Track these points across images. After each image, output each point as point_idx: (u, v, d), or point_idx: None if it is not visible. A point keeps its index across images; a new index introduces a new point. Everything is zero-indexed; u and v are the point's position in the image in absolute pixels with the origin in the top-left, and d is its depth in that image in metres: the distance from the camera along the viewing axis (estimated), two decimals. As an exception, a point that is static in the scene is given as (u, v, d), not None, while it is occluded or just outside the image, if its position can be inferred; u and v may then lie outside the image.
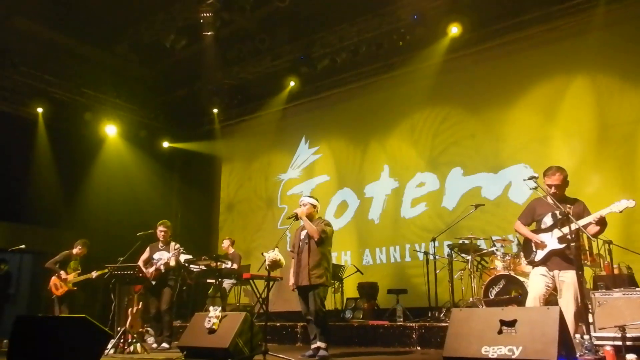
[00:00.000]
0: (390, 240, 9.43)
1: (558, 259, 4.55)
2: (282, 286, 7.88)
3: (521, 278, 6.29)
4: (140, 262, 7.01)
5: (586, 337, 4.37)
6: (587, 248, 6.01)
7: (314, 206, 5.69)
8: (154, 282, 6.95)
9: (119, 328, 6.66)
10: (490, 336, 3.68)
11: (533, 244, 4.71)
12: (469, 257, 7.15)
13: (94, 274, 7.75)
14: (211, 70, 10.37)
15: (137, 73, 11.01)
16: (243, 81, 11.02)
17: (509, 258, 6.83)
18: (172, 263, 6.94)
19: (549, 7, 8.07)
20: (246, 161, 12.01)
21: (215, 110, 11.57)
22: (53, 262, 8.09)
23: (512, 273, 6.52)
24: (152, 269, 6.91)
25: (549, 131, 8.13)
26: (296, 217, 5.54)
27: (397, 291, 8.11)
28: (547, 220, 4.68)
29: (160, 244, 7.18)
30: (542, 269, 4.63)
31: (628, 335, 4.68)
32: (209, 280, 9.02)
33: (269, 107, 11.13)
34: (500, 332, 3.65)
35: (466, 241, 7.29)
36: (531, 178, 4.62)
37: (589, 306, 5.08)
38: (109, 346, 6.13)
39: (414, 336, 6.36)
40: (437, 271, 7.39)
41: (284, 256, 5.53)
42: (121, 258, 6.80)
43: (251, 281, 8.68)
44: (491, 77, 8.82)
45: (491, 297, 6.52)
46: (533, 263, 4.72)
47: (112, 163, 10.98)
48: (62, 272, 8.03)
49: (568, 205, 4.57)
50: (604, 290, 5.28)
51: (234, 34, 9.54)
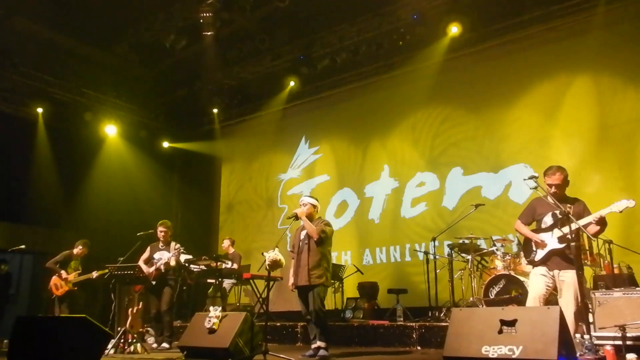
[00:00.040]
0: (390, 240, 9.43)
1: (558, 259, 4.55)
2: (283, 286, 7.87)
3: (521, 278, 6.29)
4: (140, 262, 7.02)
5: (586, 337, 4.37)
6: (587, 248, 6.01)
7: (314, 206, 5.69)
8: (154, 282, 6.96)
9: (119, 328, 6.66)
10: (490, 336, 3.68)
11: (533, 244, 4.71)
12: (469, 257, 7.15)
13: (95, 274, 7.74)
14: (211, 70, 10.37)
15: (137, 73, 11.01)
16: (243, 81, 11.02)
17: (509, 258, 6.83)
18: (173, 263, 6.94)
19: (549, 7, 8.08)
20: (246, 161, 12.01)
21: (215, 110, 11.57)
22: (54, 262, 8.09)
23: (512, 273, 6.52)
24: (153, 269, 6.92)
25: (549, 131, 8.13)
26: (296, 217, 5.54)
27: (397, 291, 8.12)
28: (548, 219, 4.68)
29: (160, 244, 7.19)
30: (542, 269, 4.63)
31: (628, 334, 4.68)
32: (209, 280, 9.02)
33: (269, 107, 11.12)
34: (500, 332, 3.65)
35: (466, 241, 7.29)
36: (531, 178, 4.61)
37: (589, 306, 5.08)
38: (109, 346, 6.14)
39: (414, 336, 6.36)
40: (437, 271, 7.38)
41: (284, 256, 5.54)
42: (121, 258, 6.80)
43: (251, 281, 8.70)
44: (491, 77, 8.82)
45: (491, 297, 6.52)
46: (533, 263, 4.72)
47: (112, 163, 10.97)
48: (63, 272, 8.03)
49: (568, 204, 4.57)
50: (604, 289, 5.28)
51: (234, 34, 9.54)
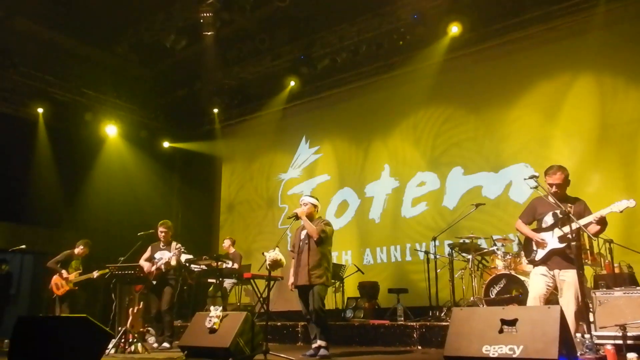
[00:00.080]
0: (390, 239, 9.43)
1: (558, 258, 4.55)
2: (283, 286, 7.88)
3: (522, 277, 6.30)
4: (141, 261, 7.02)
5: (587, 336, 4.37)
6: (588, 247, 6.01)
7: (315, 206, 5.69)
8: (155, 282, 6.97)
9: (120, 328, 6.67)
10: (491, 335, 3.68)
11: (534, 243, 4.71)
12: (470, 257, 7.14)
13: (95, 274, 7.74)
14: (211, 70, 10.37)
15: (137, 73, 11.02)
16: (243, 81, 11.02)
17: (510, 257, 6.83)
18: (173, 262, 6.94)
19: (549, 7, 8.08)
20: (247, 161, 12.01)
21: (215, 110, 11.57)
22: (54, 262, 8.09)
23: (513, 272, 6.52)
24: (153, 268, 6.92)
25: (550, 131, 8.12)
26: (296, 217, 5.54)
27: (398, 290, 8.12)
28: (548, 219, 4.68)
29: (161, 244, 7.19)
30: (542, 269, 4.63)
31: (629, 334, 4.68)
32: (210, 280, 9.03)
33: (269, 107, 11.12)
34: (501, 332, 3.65)
35: (467, 240, 7.29)
36: (532, 177, 4.61)
37: (590, 305, 5.08)
38: (110, 346, 6.13)
39: (415, 335, 6.36)
40: (438, 270, 7.37)
41: (285, 256, 5.54)
42: (122, 258, 6.80)
43: (252, 281, 8.71)
44: (491, 77, 8.82)
45: (492, 297, 6.52)
46: (534, 262, 4.72)
47: (113, 163, 10.98)
48: (64, 271, 8.03)
49: (569, 204, 4.57)
50: (605, 289, 5.28)
51: (234, 34, 9.55)
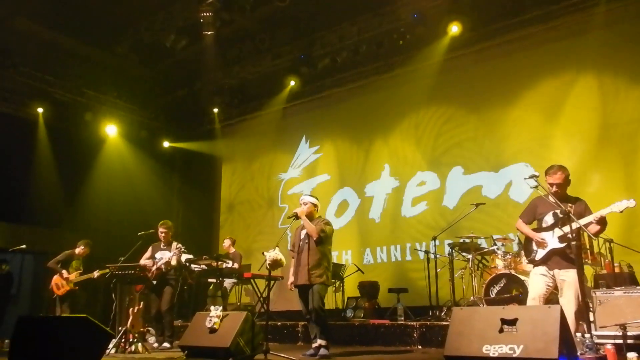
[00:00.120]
0: (391, 239, 9.43)
1: (558, 258, 4.55)
2: (283, 285, 7.86)
3: (522, 277, 6.30)
4: (141, 262, 7.02)
5: (587, 336, 4.37)
6: (588, 247, 6.01)
7: (315, 205, 5.69)
8: (155, 282, 6.96)
9: (120, 328, 6.67)
10: (491, 335, 3.67)
11: (534, 243, 4.71)
12: (470, 256, 7.15)
13: (96, 274, 7.75)
14: (211, 70, 10.38)
15: (137, 73, 11.02)
16: (243, 81, 11.03)
17: (510, 257, 6.82)
18: (174, 262, 6.94)
19: (549, 6, 8.07)
20: (247, 161, 12.00)
21: (215, 110, 11.58)
22: (55, 262, 8.09)
23: (513, 272, 6.52)
24: (154, 268, 6.92)
25: (550, 130, 8.12)
26: (296, 217, 5.54)
27: (398, 290, 8.12)
28: (548, 219, 4.67)
29: (162, 244, 7.19)
30: (542, 269, 4.63)
31: (629, 333, 4.67)
32: (210, 279, 9.03)
33: (270, 107, 11.12)
34: (501, 331, 3.65)
35: (467, 240, 7.29)
36: (532, 177, 4.60)
37: (590, 305, 5.07)
38: (110, 346, 6.13)
39: (415, 335, 6.36)
40: (438, 270, 7.37)
41: (285, 255, 5.54)
42: (122, 258, 6.80)
43: (252, 280, 8.71)
44: (492, 77, 8.81)
45: (492, 296, 6.52)
46: (534, 262, 4.72)
47: (113, 163, 10.98)
48: (64, 271, 8.03)
49: (569, 204, 4.56)
50: (605, 288, 5.28)
51: (234, 34, 9.55)
